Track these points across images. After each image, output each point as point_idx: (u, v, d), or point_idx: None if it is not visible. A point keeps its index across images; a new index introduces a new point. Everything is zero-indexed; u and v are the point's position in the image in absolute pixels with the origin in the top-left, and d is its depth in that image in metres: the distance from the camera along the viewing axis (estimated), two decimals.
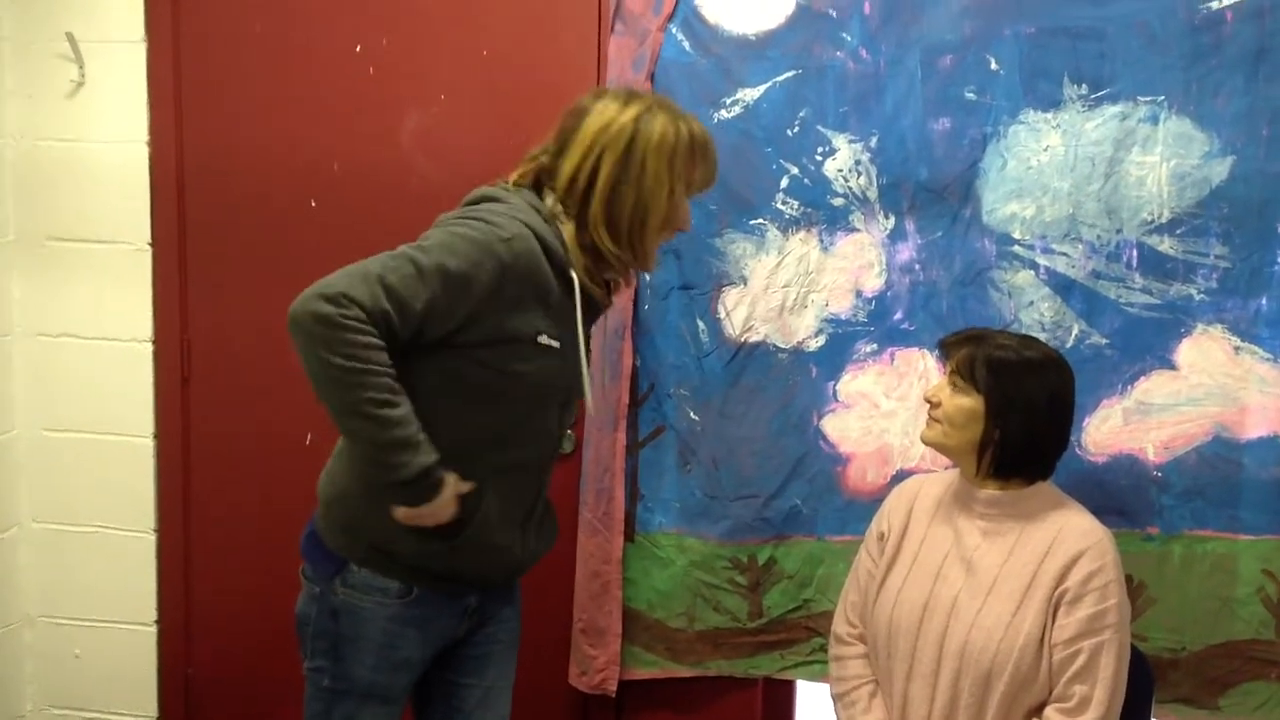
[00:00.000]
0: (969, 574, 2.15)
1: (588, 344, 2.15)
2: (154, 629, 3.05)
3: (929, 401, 2.21)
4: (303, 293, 1.91)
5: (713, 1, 2.57)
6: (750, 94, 2.57)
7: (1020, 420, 2.12)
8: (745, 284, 2.60)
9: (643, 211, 2.09)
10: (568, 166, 2.08)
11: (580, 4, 2.69)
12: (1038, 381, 2.13)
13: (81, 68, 2.89)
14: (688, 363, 2.62)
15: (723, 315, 2.60)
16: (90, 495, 3.02)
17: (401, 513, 2.02)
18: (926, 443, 2.21)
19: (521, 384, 2.06)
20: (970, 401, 2.14)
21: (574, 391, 2.16)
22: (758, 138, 2.56)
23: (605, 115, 2.08)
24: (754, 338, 2.60)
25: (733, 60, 2.57)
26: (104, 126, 2.91)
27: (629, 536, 2.67)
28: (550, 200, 2.10)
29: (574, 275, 2.07)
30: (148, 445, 2.99)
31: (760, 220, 2.58)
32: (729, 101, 2.57)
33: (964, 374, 2.15)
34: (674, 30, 2.59)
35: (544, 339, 2.05)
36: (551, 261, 2.04)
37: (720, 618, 2.67)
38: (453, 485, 2.03)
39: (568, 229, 2.09)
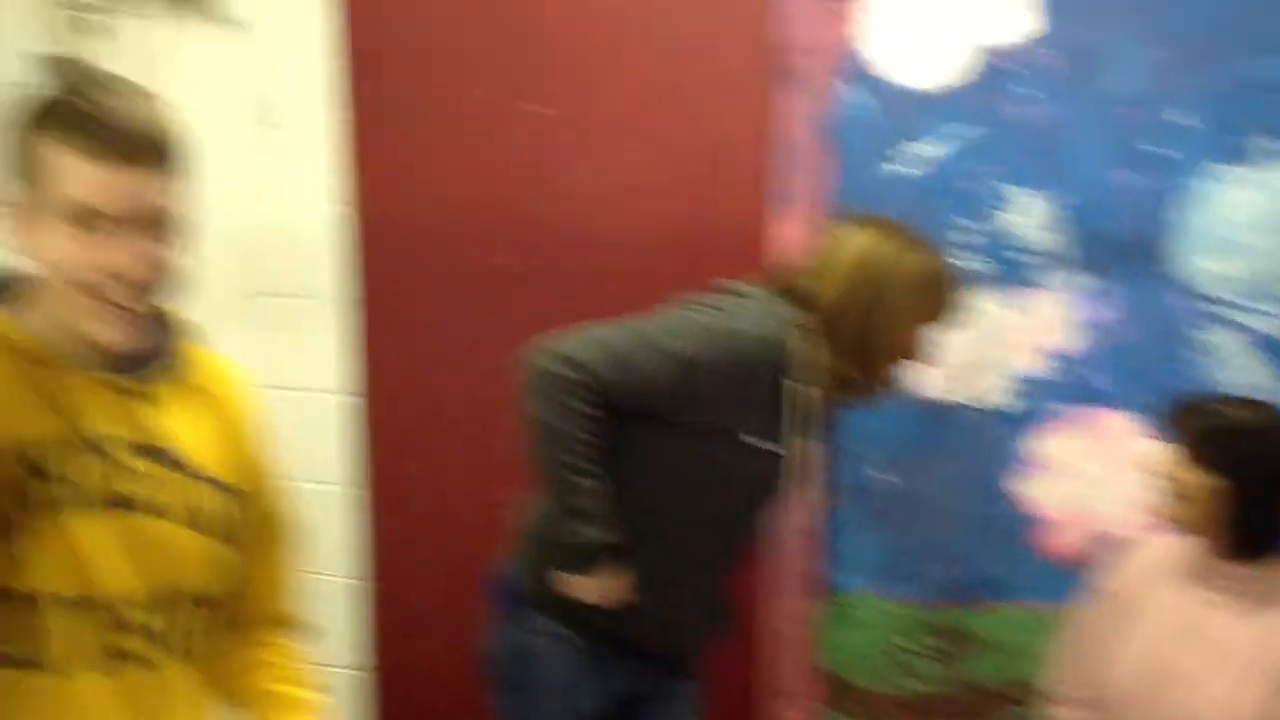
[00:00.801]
0: (1206, 646, 2.05)
1: (803, 451, 2.14)
2: (354, 673, 3.15)
3: (1159, 475, 2.10)
4: (543, 345, 2.01)
5: (887, 56, 2.51)
6: (926, 148, 2.50)
7: (1266, 495, 2.01)
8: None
9: (889, 344, 2.10)
10: (826, 292, 2.08)
11: (751, 60, 2.64)
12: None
13: (280, 132, 2.98)
14: (879, 422, 2.57)
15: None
16: None
17: (565, 579, 2.09)
18: (1159, 516, 2.10)
19: (719, 475, 2.08)
20: (1208, 478, 2.02)
21: (777, 492, 2.16)
22: (932, 192, 2.49)
23: (866, 248, 2.09)
24: (947, 398, 2.54)
25: (907, 114, 2.50)
26: (301, 188, 3.00)
27: (821, 597, 2.65)
28: (798, 315, 2.09)
29: (789, 382, 2.06)
30: (340, 493, 3.08)
31: None
32: (903, 156, 2.51)
33: (1199, 447, 2.04)
34: (847, 86, 2.53)
35: (750, 439, 2.05)
36: (778, 367, 2.04)
37: (915, 682, 2.63)
38: (614, 577, 2.08)
39: (811, 347, 2.08)
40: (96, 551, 1.38)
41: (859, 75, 2.52)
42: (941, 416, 2.55)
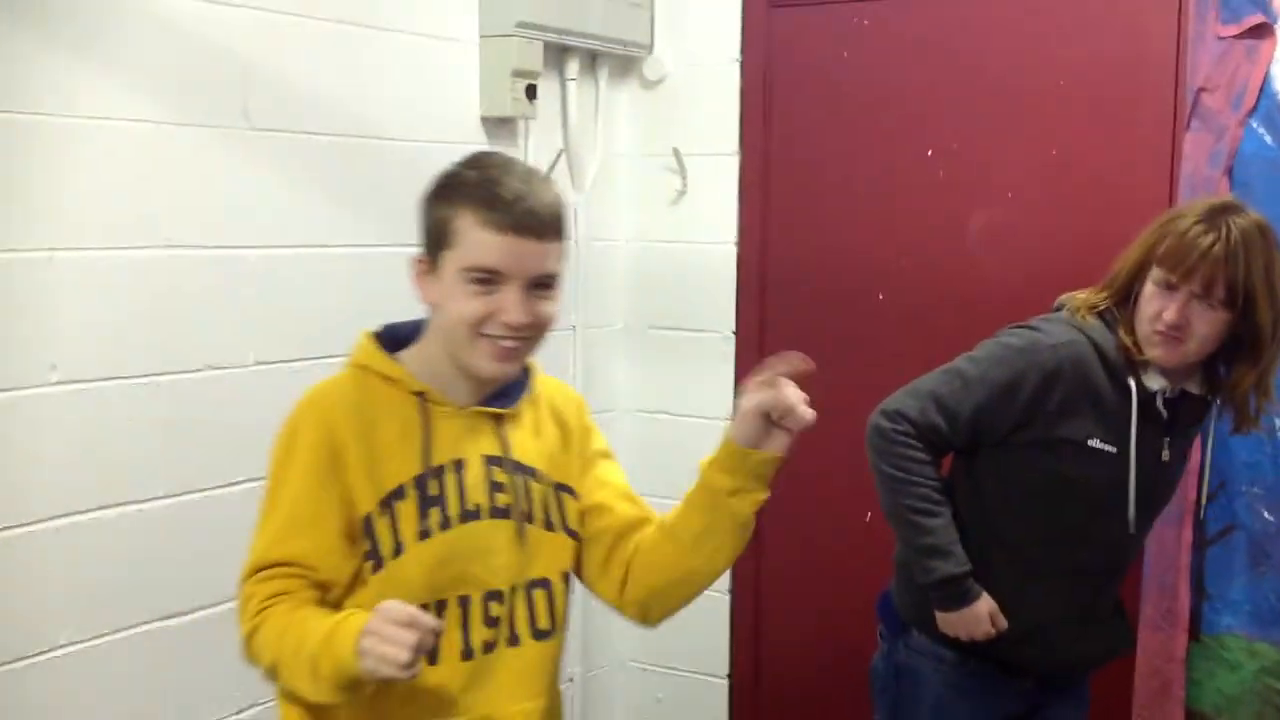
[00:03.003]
0: None
1: (1159, 455, 2.17)
2: (726, 682, 3.35)
3: None
4: (879, 406, 2.21)
5: None
6: None
7: None
8: None
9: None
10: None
11: (1155, 102, 2.72)
12: None
13: (684, 178, 3.30)
14: (1262, 460, 2.54)
15: None
16: None
17: (939, 618, 2.21)
18: None
19: (1073, 487, 2.15)
20: None
21: (1140, 498, 2.18)
22: None
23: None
24: None
25: None
26: (700, 229, 3.30)
27: (1194, 635, 2.62)
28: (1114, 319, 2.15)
29: (1130, 383, 2.12)
30: None
31: None
32: None
33: None
34: (1255, 124, 2.56)
35: (1095, 443, 2.12)
36: (1107, 368, 2.11)
37: None
38: (985, 603, 2.18)
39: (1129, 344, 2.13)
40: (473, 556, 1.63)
41: (1268, 113, 2.54)
42: None
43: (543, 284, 1.61)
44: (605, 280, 3.35)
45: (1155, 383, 2.13)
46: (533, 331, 1.62)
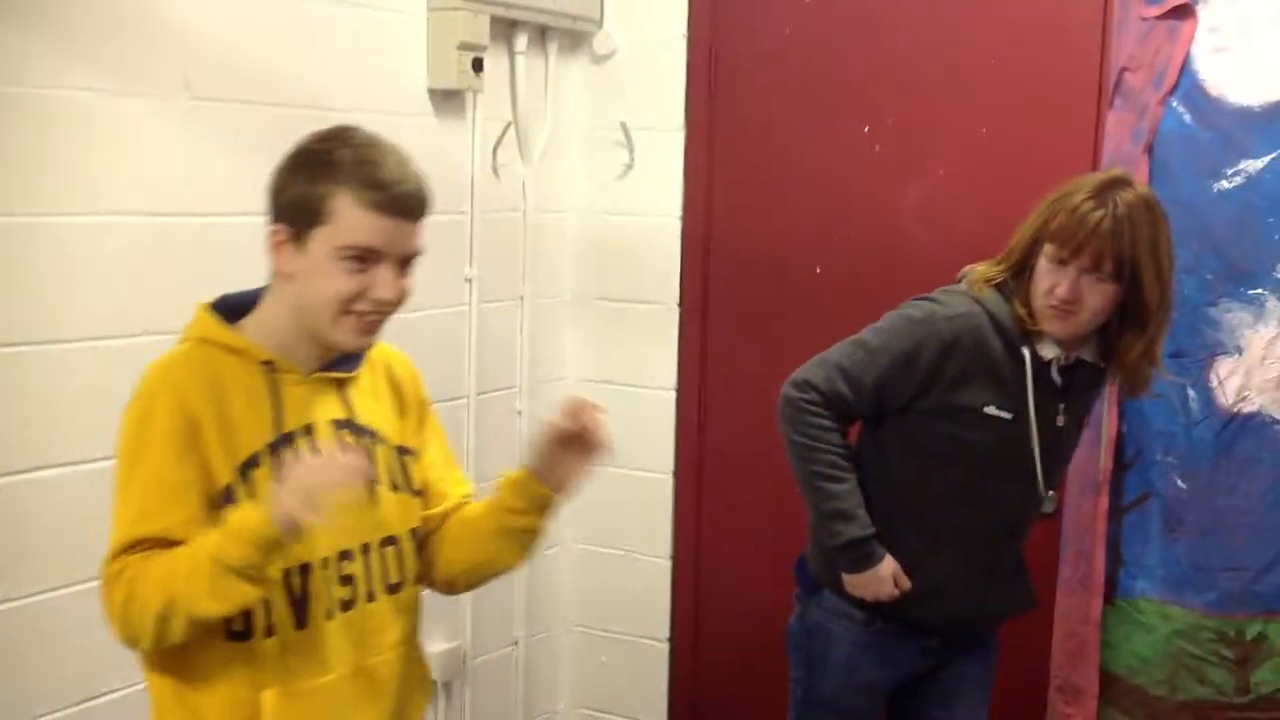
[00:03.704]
0: None
1: (1053, 420, 2.25)
2: (667, 645, 3.44)
3: None
4: (790, 376, 2.31)
5: (1217, 74, 2.59)
6: (1253, 164, 2.56)
7: None
8: (1240, 354, 2.58)
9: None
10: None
11: (1079, 81, 2.80)
12: None
13: (632, 152, 3.36)
14: (1176, 430, 2.63)
15: (1215, 384, 2.59)
16: (619, 522, 3.45)
17: (845, 579, 2.31)
18: None
19: (972, 452, 2.23)
20: None
21: (1041, 462, 2.26)
22: (1259, 208, 2.55)
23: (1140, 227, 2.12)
24: (1248, 408, 2.57)
25: (1236, 131, 2.57)
26: (646, 203, 3.36)
27: (1109, 600, 2.71)
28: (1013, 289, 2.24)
29: (1025, 352, 2.20)
30: (668, 481, 3.39)
31: (1259, 290, 2.56)
32: (1230, 172, 2.57)
33: None
34: (1175, 103, 2.63)
35: (991, 410, 2.20)
36: (1002, 337, 2.19)
37: (1204, 690, 2.63)
38: (889, 565, 2.27)
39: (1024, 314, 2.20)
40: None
41: (1187, 92, 2.61)
42: (1243, 427, 2.57)
43: (409, 261, 1.67)
44: (553, 252, 3.41)
45: (1049, 351, 2.21)
46: (397, 306, 1.68)
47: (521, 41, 3.19)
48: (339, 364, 1.75)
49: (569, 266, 3.48)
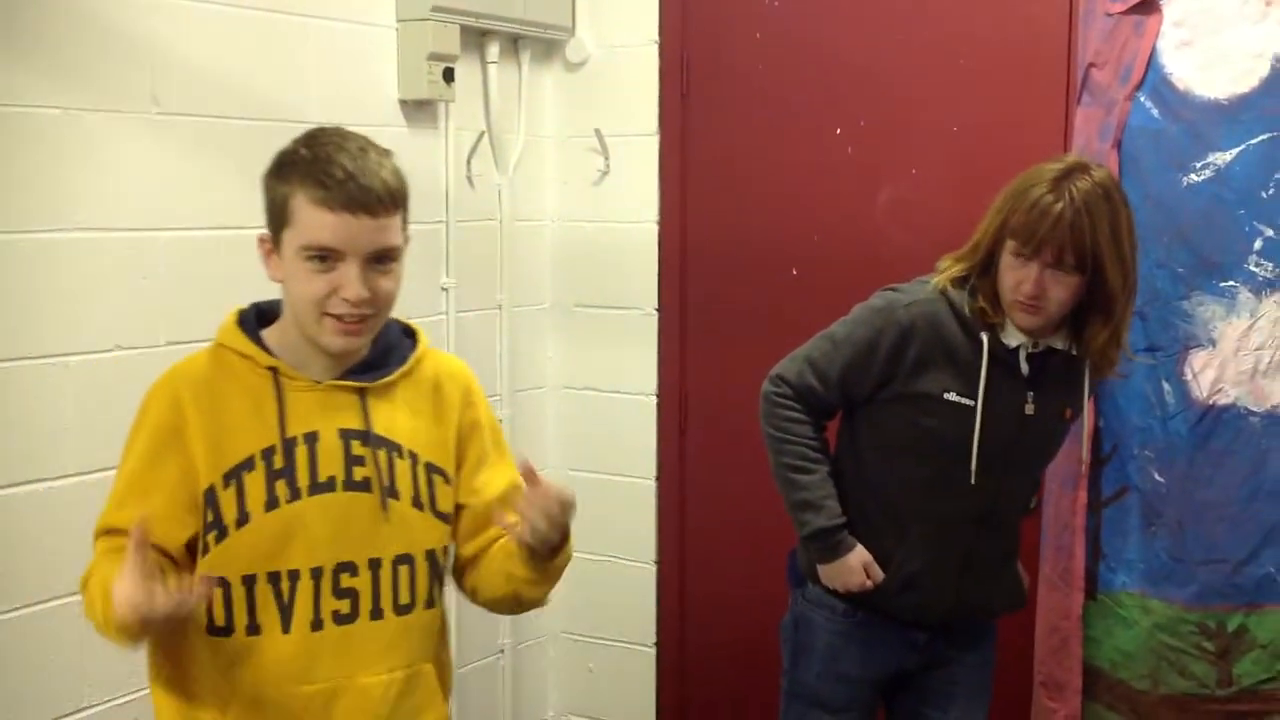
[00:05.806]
0: None
1: (1020, 409, 2.25)
2: (653, 650, 3.43)
3: None
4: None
5: (1183, 68, 2.60)
6: (1222, 157, 2.56)
7: None
8: (1214, 346, 2.58)
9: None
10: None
11: (1047, 78, 2.81)
12: None
13: (607, 159, 3.36)
14: (1152, 424, 2.63)
15: (1189, 377, 2.60)
16: (602, 528, 3.44)
17: (819, 570, 2.33)
18: None
19: (934, 439, 2.24)
20: None
21: (1005, 450, 2.26)
22: (1229, 201, 2.55)
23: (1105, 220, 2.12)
24: (1223, 400, 2.57)
25: (1203, 125, 2.57)
26: (622, 209, 3.37)
27: (1090, 594, 2.71)
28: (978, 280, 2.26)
29: (983, 337, 2.20)
30: (650, 486, 3.39)
31: (1231, 283, 2.56)
32: (1199, 165, 2.58)
33: None
34: (1142, 98, 2.63)
35: (951, 396, 2.22)
36: (961, 323, 2.20)
37: (1186, 683, 2.63)
38: (859, 555, 2.28)
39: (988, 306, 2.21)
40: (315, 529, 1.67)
41: (1154, 87, 2.61)
42: (1219, 419, 2.58)
43: (381, 258, 1.65)
44: (531, 260, 3.42)
45: (1014, 339, 2.21)
46: (374, 307, 1.66)
47: (493, 51, 3.20)
48: (359, 372, 1.73)
49: (546, 274, 3.48)
